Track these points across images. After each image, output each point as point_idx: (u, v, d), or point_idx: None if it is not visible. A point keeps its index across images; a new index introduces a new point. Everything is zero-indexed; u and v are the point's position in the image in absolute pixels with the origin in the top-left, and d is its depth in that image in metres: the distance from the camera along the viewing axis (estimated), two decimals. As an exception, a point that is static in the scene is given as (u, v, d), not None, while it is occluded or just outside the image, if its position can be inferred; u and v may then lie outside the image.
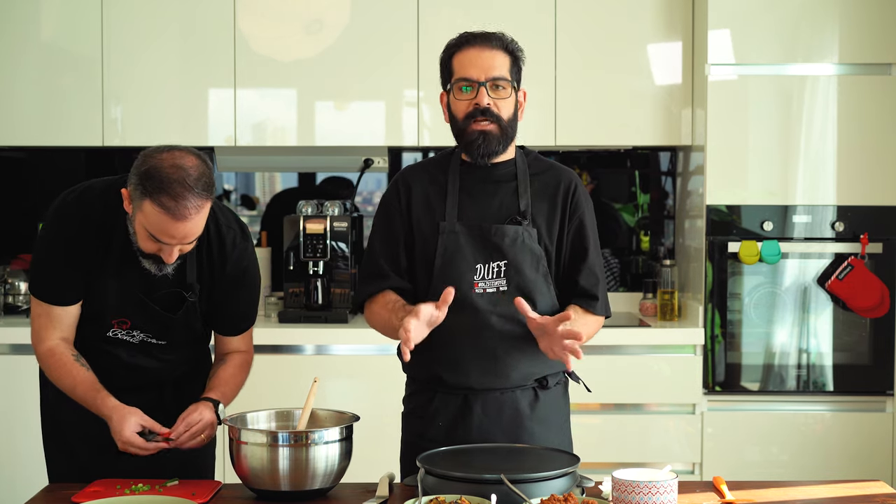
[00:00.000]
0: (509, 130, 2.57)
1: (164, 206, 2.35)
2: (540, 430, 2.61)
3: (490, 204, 2.59)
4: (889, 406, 4.26)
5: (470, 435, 2.57)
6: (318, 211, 4.54)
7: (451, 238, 2.57)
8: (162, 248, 2.44)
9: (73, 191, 2.62)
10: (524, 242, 2.56)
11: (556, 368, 2.65)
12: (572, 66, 4.46)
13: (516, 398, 2.60)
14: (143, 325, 2.64)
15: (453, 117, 2.58)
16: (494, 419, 2.58)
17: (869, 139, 4.24)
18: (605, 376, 4.23)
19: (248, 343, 2.79)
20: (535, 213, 2.59)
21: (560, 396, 2.70)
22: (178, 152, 2.41)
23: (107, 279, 2.57)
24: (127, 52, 4.48)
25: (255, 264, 2.75)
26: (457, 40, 2.60)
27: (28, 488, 2.96)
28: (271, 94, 4.53)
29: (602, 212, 4.94)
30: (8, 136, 4.53)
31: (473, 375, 2.56)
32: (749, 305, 4.28)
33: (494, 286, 2.55)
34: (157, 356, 2.69)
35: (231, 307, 2.71)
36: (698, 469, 4.25)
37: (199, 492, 2.41)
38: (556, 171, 2.67)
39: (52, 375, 2.62)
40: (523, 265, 2.56)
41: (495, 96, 2.54)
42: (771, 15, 4.25)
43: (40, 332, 2.61)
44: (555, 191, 2.62)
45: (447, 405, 2.60)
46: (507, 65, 2.57)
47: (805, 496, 2.43)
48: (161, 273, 2.53)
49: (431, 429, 2.61)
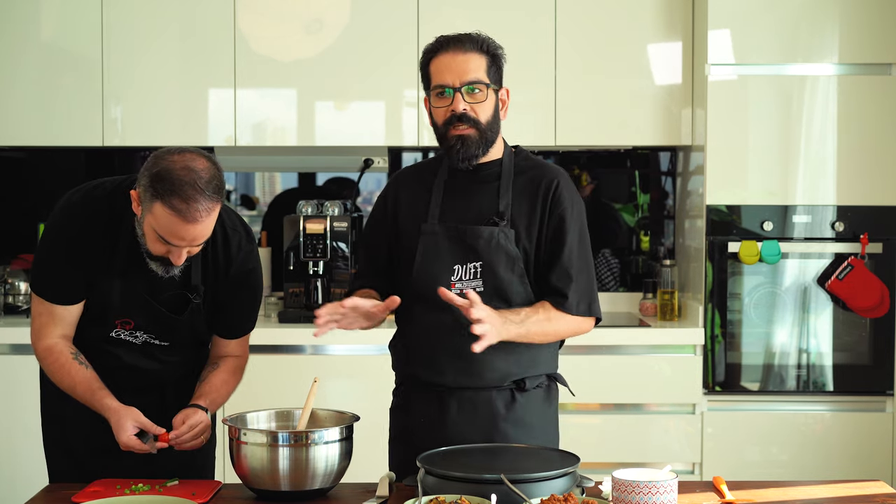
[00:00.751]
0: (489, 133, 2.56)
1: (176, 208, 2.35)
2: (516, 432, 2.59)
3: (470, 205, 2.60)
4: (889, 406, 4.26)
5: (445, 432, 2.58)
6: (318, 211, 4.54)
7: (430, 239, 2.58)
8: (171, 251, 2.44)
9: (78, 189, 2.61)
10: (499, 243, 2.55)
11: (535, 371, 2.62)
12: (572, 67, 4.46)
13: (492, 398, 2.59)
14: (147, 326, 2.64)
15: (434, 123, 2.59)
16: (469, 418, 2.58)
17: (869, 139, 4.24)
18: (605, 376, 4.23)
19: (243, 347, 2.78)
20: (516, 213, 2.58)
21: (541, 400, 2.65)
22: (189, 154, 2.40)
23: (111, 279, 2.57)
24: (127, 52, 4.48)
25: (259, 268, 2.74)
26: (432, 45, 2.59)
27: (28, 488, 2.96)
28: (271, 94, 4.53)
29: (602, 212, 4.94)
30: (8, 136, 4.53)
31: (448, 374, 2.58)
32: (749, 305, 4.28)
33: (471, 287, 2.55)
34: (160, 357, 2.69)
35: (233, 310, 2.71)
36: (698, 469, 4.25)
37: (199, 492, 2.41)
38: (540, 169, 2.64)
39: (51, 373, 2.61)
40: (498, 266, 2.55)
41: (471, 101, 2.53)
42: (771, 15, 4.25)
43: (40, 330, 2.60)
44: (536, 190, 2.59)
45: (424, 402, 2.62)
46: (483, 66, 2.55)
47: (805, 496, 2.43)
48: (168, 275, 2.52)
49: (413, 423, 2.65)
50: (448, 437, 2.56)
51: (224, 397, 2.68)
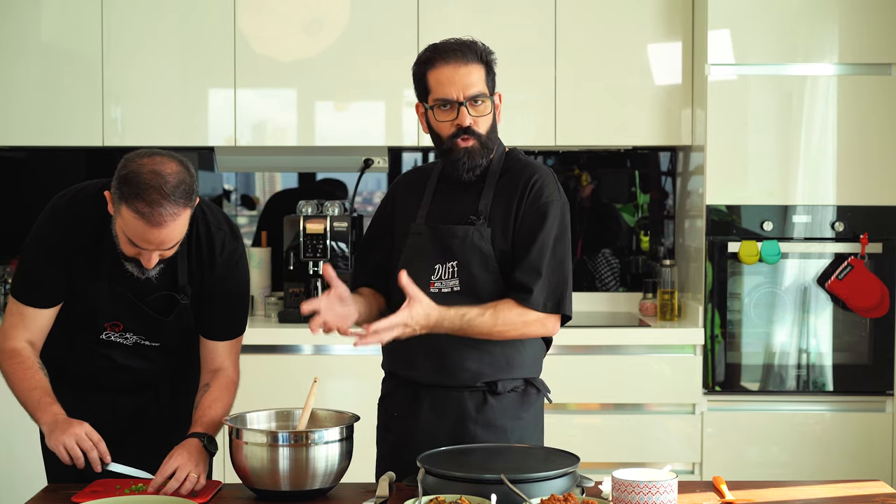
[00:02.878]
0: (489, 143, 2.57)
1: (140, 211, 2.33)
2: (485, 434, 2.57)
3: (454, 206, 2.60)
4: (889, 406, 4.26)
5: (417, 429, 2.59)
6: (318, 211, 4.54)
7: (415, 239, 2.60)
8: (141, 253, 2.42)
9: (65, 193, 2.61)
10: (473, 242, 2.54)
11: (510, 374, 2.60)
12: (572, 66, 4.46)
13: (463, 399, 2.58)
14: (136, 328, 2.63)
15: (437, 135, 2.58)
16: (440, 416, 2.59)
17: (869, 139, 4.24)
18: (605, 376, 4.24)
19: (234, 360, 2.70)
20: (495, 212, 2.57)
21: (516, 404, 2.62)
22: (159, 158, 2.39)
23: (99, 282, 2.56)
24: (127, 51, 4.48)
25: (245, 267, 2.70)
26: (429, 54, 2.56)
27: (28, 488, 2.95)
28: (271, 94, 4.53)
29: (602, 212, 4.94)
30: (8, 136, 4.53)
31: (422, 371, 2.59)
32: (749, 305, 4.28)
33: (449, 286, 2.56)
34: (152, 357, 2.69)
35: (219, 308, 2.66)
36: (698, 469, 4.25)
37: (200, 492, 2.41)
38: (521, 169, 2.60)
39: (9, 375, 2.57)
40: (472, 265, 2.55)
41: (475, 113, 2.53)
42: (771, 15, 4.25)
43: (7, 331, 2.59)
44: (513, 189, 2.58)
45: (401, 397, 2.65)
46: (482, 77, 2.54)
47: (805, 496, 2.43)
48: (144, 276, 2.50)
49: (389, 418, 2.69)
50: (419, 433, 2.58)
51: (220, 414, 2.57)
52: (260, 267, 4.67)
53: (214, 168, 4.77)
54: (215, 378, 2.64)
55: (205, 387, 2.63)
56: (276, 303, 4.62)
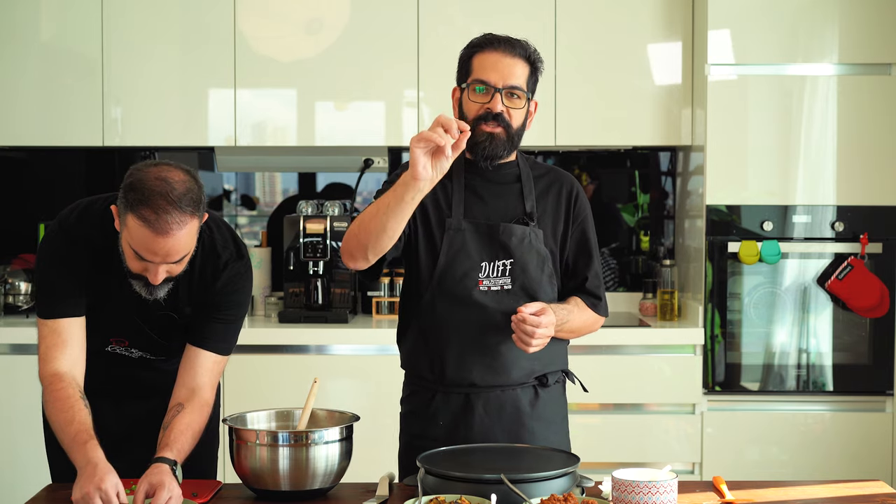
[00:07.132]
0: (516, 138, 2.57)
1: (146, 218, 2.27)
2: (540, 428, 2.62)
3: (495, 204, 2.61)
4: (889, 406, 4.26)
5: (471, 433, 2.58)
6: (318, 211, 4.54)
7: (456, 235, 2.58)
8: (147, 268, 2.35)
9: (74, 209, 2.56)
10: (531, 243, 2.58)
11: (555, 367, 2.67)
12: (572, 66, 4.46)
13: (517, 396, 2.61)
14: (140, 345, 2.63)
15: (463, 116, 2.57)
16: (496, 417, 2.60)
17: (869, 139, 4.24)
18: (605, 376, 4.24)
19: (212, 380, 2.57)
20: (541, 215, 2.62)
21: (559, 395, 2.72)
22: (166, 167, 2.34)
23: (104, 300, 2.53)
24: (127, 52, 4.48)
25: (248, 290, 2.61)
26: (481, 40, 2.59)
27: (28, 488, 2.96)
28: (271, 94, 4.53)
29: (602, 212, 4.94)
30: (8, 136, 4.53)
31: (476, 372, 2.58)
32: (749, 305, 4.28)
33: (499, 284, 2.57)
34: (158, 368, 2.69)
35: (212, 321, 2.57)
36: (698, 469, 4.25)
37: (200, 492, 2.41)
38: (556, 174, 2.69)
39: (50, 402, 2.44)
40: (529, 265, 2.58)
41: (509, 104, 2.54)
42: (771, 15, 4.25)
43: (47, 353, 2.48)
44: (558, 194, 2.65)
45: (449, 404, 2.61)
46: (525, 74, 2.56)
47: (805, 496, 2.43)
48: (152, 297, 2.42)
49: (431, 428, 2.62)
50: (474, 438, 2.57)
51: (192, 441, 2.45)
52: (260, 267, 4.68)
53: (214, 168, 4.77)
54: (190, 400, 2.51)
55: (178, 406, 2.50)
56: (276, 303, 4.62)
